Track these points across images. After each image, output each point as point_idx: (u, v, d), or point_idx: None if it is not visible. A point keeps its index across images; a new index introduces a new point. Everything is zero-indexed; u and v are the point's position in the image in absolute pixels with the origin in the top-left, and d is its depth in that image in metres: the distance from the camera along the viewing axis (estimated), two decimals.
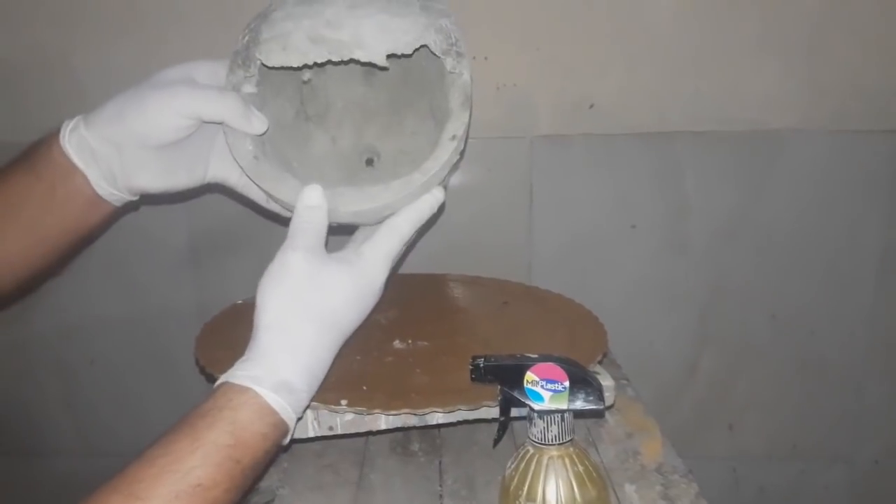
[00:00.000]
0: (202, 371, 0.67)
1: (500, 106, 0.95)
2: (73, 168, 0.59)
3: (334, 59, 0.60)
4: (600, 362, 0.70)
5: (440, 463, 0.68)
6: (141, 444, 0.49)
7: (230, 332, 0.73)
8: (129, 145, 0.58)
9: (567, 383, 0.50)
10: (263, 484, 0.65)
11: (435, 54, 0.61)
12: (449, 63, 0.61)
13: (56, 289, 1.00)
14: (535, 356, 0.52)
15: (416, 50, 0.60)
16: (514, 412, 0.53)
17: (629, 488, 0.63)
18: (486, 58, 0.94)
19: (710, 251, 0.99)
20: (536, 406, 0.50)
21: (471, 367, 0.54)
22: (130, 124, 0.57)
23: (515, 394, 0.51)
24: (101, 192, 0.60)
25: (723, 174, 0.96)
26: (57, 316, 1.03)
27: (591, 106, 0.95)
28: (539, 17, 0.92)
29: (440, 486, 0.64)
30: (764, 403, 1.04)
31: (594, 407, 0.50)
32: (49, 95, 0.95)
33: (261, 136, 0.62)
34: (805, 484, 1.06)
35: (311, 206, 0.58)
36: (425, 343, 0.74)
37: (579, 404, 0.50)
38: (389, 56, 0.60)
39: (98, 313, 1.02)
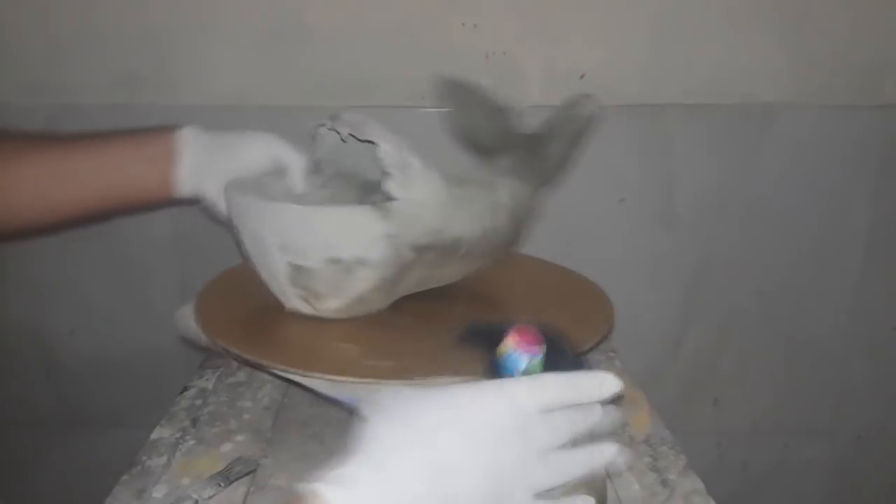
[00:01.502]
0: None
1: (489, 75, 0.93)
2: (176, 155, 0.66)
3: None
4: (606, 337, 0.69)
5: None
6: (121, 415, 0.47)
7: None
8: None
9: (542, 351, 0.47)
10: (246, 453, 0.64)
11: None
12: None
13: (36, 257, 0.98)
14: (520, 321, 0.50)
15: None
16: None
17: (618, 459, 0.62)
18: (475, 25, 0.92)
19: (698, 226, 0.98)
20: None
21: (456, 331, 0.52)
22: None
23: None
24: (180, 182, 0.66)
25: (712, 147, 0.95)
26: (36, 285, 1.00)
27: (582, 76, 0.93)
28: None
29: None
30: (749, 378, 1.04)
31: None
32: (26, 57, 0.92)
33: None
34: (788, 459, 1.07)
35: None
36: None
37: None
38: None
39: (78, 282, 1.00)
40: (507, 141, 0.73)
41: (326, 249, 0.60)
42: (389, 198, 0.60)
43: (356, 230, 0.60)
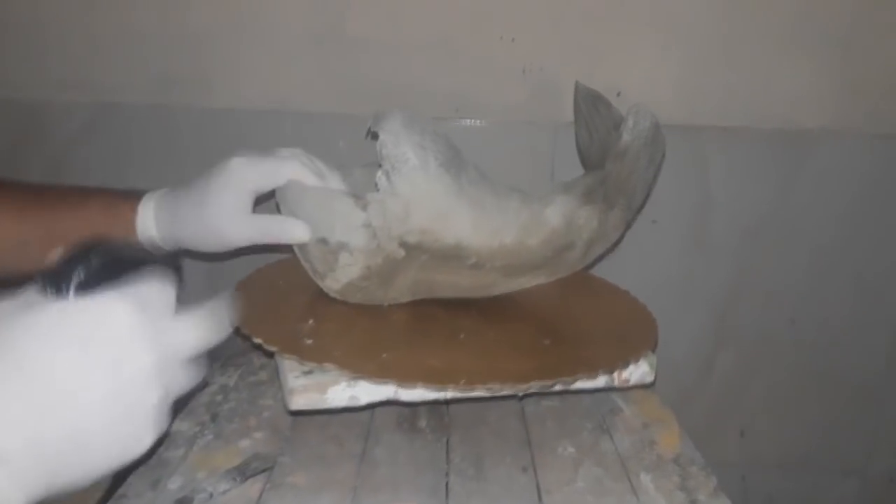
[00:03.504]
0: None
1: (525, 90, 0.93)
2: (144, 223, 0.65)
3: None
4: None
5: (447, 441, 0.65)
6: None
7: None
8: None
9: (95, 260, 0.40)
10: (263, 450, 0.62)
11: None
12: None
13: None
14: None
15: None
16: None
17: (645, 478, 0.60)
18: (512, 39, 0.91)
19: (732, 250, 0.96)
20: None
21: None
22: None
23: None
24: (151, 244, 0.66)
25: (749, 172, 0.94)
26: None
27: (619, 94, 0.92)
28: None
29: (447, 463, 0.62)
30: (778, 410, 1.01)
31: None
32: (67, 54, 0.94)
33: None
34: (816, 496, 1.03)
35: None
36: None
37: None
38: None
39: None
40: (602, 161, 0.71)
41: (316, 229, 0.63)
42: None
43: (338, 215, 0.62)
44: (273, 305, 0.68)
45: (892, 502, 1.03)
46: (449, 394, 0.58)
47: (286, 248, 0.69)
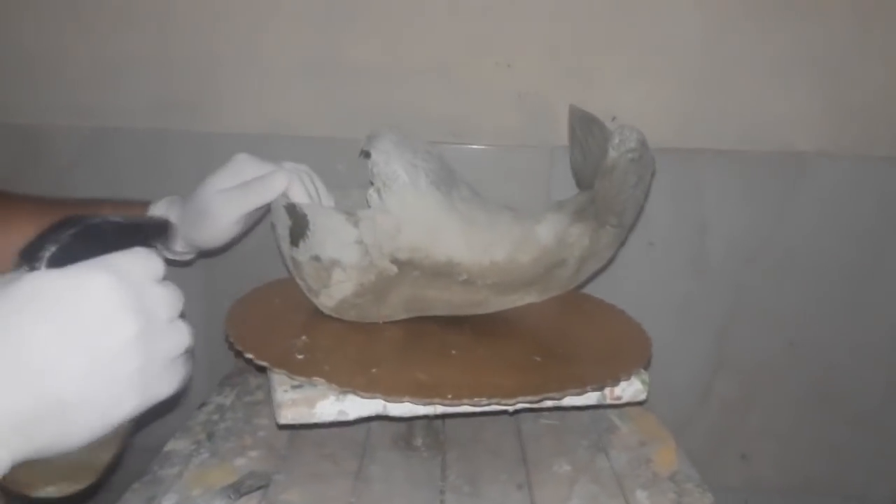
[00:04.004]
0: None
1: (522, 114, 0.94)
2: None
3: None
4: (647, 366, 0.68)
5: (443, 459, 0.65)
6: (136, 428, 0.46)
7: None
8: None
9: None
10: (259, 468, 0.62)
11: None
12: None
13: None
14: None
15: None
16: None
17: (641, 495, 0.60)
18: (508, 65, 0.93)
19: (729, 273, 0.96)
20: None
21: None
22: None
23: None
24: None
25: (744, 194, 0.94)
26: None
27: (614, 118, 0.93)
28: (564, 25, 0.91)
29: (442, 480, 0.62)
30: (778, 434, 1.00)
31: None
32: (66, 80, 0.95)
33: None
34: None
35: None
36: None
37: None
38: None
39: None
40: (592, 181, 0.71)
41: (310, 246, 0.63)
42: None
43: (331, 232, 0.63)
44: (268, 323, 0.68)
45: None
46: (438, 409, 0.58)
47: (281, 268, 0.69)
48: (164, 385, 0.39)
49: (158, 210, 0.71)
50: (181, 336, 0.40)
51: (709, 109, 0.93)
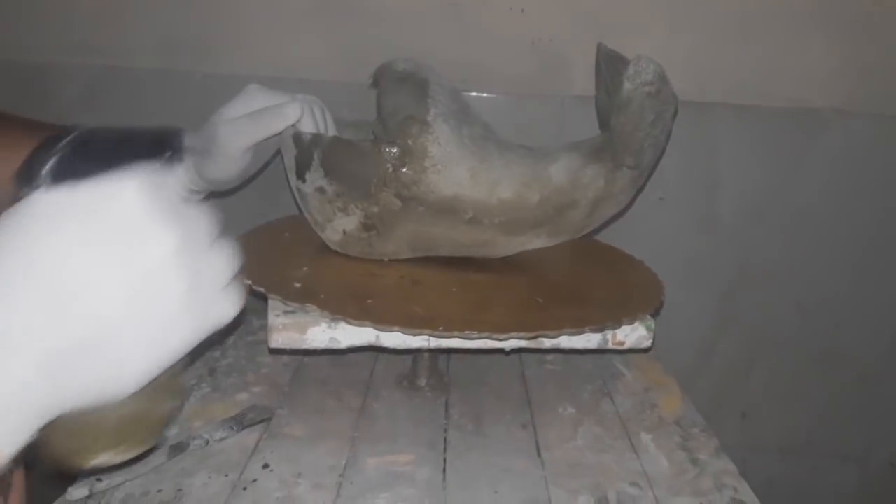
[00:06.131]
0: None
1: (535, 62, 0.92)
2: None
3: None
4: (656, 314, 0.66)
5: (447, 399, 0.65)
6: None
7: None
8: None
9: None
10: (262, 402, 0.62)
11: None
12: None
13: None
14: None
15: None
16: None
17: (645, 437, 0.60)
18: (522, 10, 0.91)
19: (738, 230, 0.95)
20: None
21: None
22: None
23: None
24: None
25: (758, 151, 0.93)
26: None
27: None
28: None
29: (446, 419, 0.61)
30: (780, 394, 1.00)
31: None
32: (71, 18, 0.93)
33: None
34: (815, 480, 1.02)
35: None
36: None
37: None
38: None
39: None
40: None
41: (315, 178, 0.62)
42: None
43: (335, 163, 0.61)
44: (273, 254, 0.67)
45: (891, 487, 1.02)
46: (431, 342, 0.57)
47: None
48: (219, 309, 0.34)
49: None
50: (227, 256, 0.35)
51: (726, 62, 0.91)
